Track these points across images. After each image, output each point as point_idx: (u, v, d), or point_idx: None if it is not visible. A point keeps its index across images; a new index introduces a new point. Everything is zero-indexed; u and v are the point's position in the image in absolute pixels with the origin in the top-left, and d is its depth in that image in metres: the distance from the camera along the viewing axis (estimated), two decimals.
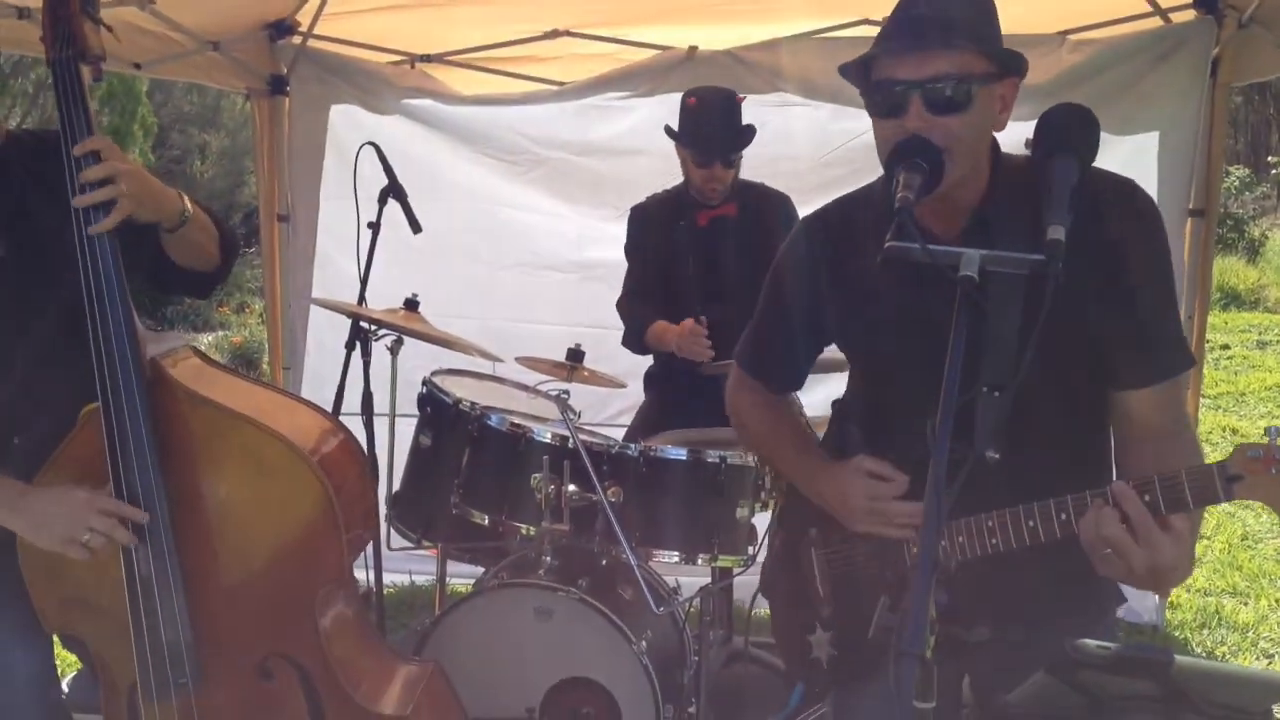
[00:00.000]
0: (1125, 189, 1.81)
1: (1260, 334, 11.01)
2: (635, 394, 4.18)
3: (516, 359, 3.61)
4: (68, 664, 4.16)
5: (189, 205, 2.21)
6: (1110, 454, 1.91)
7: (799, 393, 2.50)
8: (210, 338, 10.23)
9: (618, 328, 3.97)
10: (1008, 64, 1.76)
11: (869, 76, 1.80)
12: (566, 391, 3.23)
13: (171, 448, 2.15)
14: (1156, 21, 3.97)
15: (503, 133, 4.79)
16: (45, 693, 2.35)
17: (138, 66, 4.03)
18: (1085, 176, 1.65)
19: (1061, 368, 1.73)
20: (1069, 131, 1.62)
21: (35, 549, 2.16)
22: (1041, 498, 1.71)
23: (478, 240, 4.91)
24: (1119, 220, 1.76)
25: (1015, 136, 1.92)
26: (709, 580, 3.62)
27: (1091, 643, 1.21)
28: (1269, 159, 21.99)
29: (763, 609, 4.66)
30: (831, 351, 2.22)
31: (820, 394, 3.20)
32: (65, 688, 3.75)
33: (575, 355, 3.41)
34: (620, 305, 3.96)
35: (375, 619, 3.62)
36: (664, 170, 4.35)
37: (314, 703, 2.31)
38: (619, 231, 4.25)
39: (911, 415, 1.83)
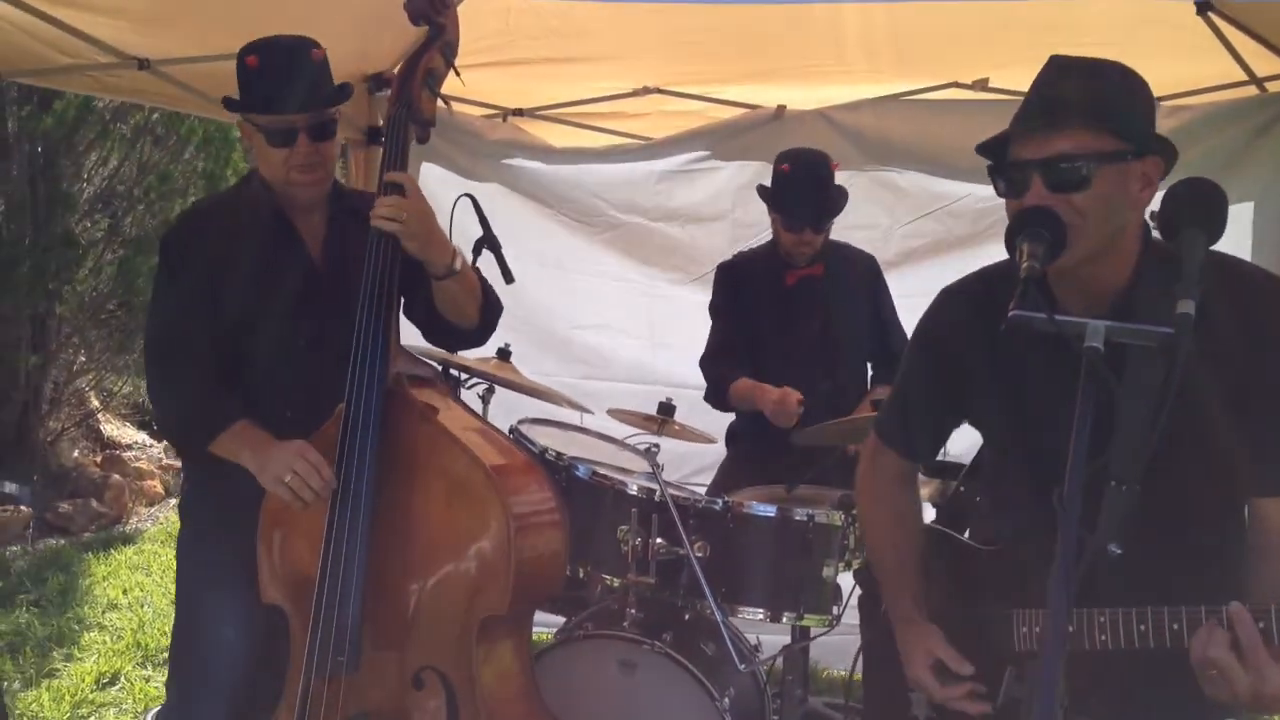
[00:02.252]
0: (1275, 282, 1.80)
1: None
2: (713, 454, 4.18)
3: (608, 411, 3.64)
4: (154, 699, 4.26)
5: (460, 263, 2.57)
6: (1239, 560, 1.84)
7: None
8: None
9: (691, 387, 3.96)
10: (1143, 143, 1.75)
11: (1004, 158, 1.82)
12: (656, 445, 3.27)
13: (391, 451, 2.46)
14: (1252, 90, 3.96)
15: (581, 195, 4.83)
16: (247, 659, 2.69)
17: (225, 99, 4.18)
18: (1234, 266, 1.65)
19: (1194, 464, 1.70)
20: (1194, 206, 1.62)
21: (273, 516, 2.54)
22: (1160, 598, 1.68)
23: (554, 300, 4.92)
24: (1269, 317, 1.74)
25: None
26: (787, 638, 3.61)
27: None
28: None
29: (834, 669, 4.67)
30: None
31: None
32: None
33: (666, 409, 3.43)
34: (704, 362, 3.97)
35: None
36: (736, 237, 4.46)
37: None
38: (688, 295, 4.31)
39: (1037, 496, 1.82)
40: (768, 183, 3.84)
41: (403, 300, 2.80)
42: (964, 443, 2.57)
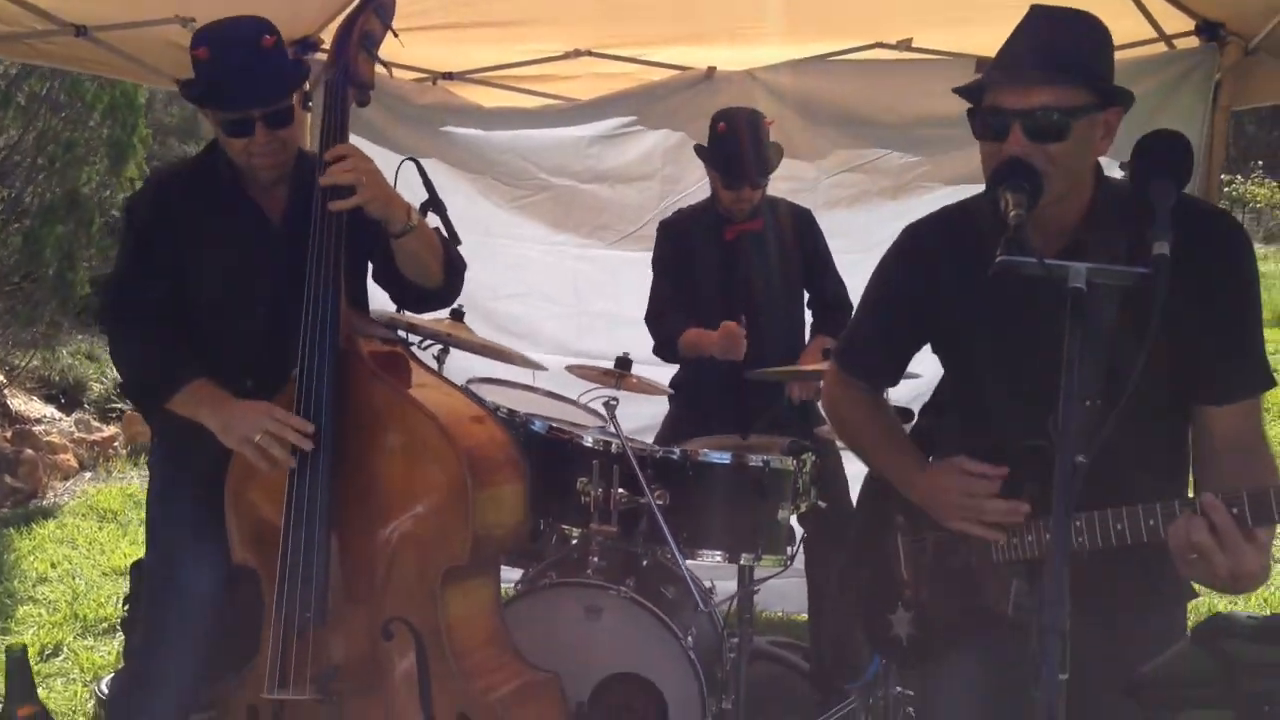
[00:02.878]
0: (1221, 217, 1.98)
1: None
2: (652, 414, 4.27)
3: (567, 367, 3.71)
4: (102, 667, 4.24)
5: (415, 219, 2.59)
6: (1185, 464, 2.04)
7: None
8: None
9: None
10: (1111, 96, 1.90)
11: (981, 101, 1.94)
12: (615, 399, 3.37)
13: (347, 409, 2.53)
14: (1161, 47, 4.16)
15: (512, 159, 4.86)
16: (217, 612, 2.74)
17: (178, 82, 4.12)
18: (1194, 204, 1.80)
19: (1150, 380, 1.86)
20: (1164, 156, 1.76)
21: (239, 484, 2.61)
22: (1119, 501, 1.83)
23: (477, 268, 4.84)
24: (1215, 244, 1.90)
25: None
26: (734, 584, 3.75)
27: (1241, 614, 1.35)
28: (1222, 177, 22.59)
29: (771, 611, 4.83)
30: None
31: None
32: (104, 688, 3.86)
33: (623, 363, 3.52)
34: (649, 320, 4.07)
35: None
36: (665, 193, 4.62)
37: (424, 673, 2.51)
38: (618, 254, 4.46)
39: (1004, 418, 1.98)
40: (697, 144, 3.95)
41: (370, 267, 2.84)
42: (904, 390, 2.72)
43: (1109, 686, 1.75)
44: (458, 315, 3.64)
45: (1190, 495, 1.86)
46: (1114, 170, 1.92)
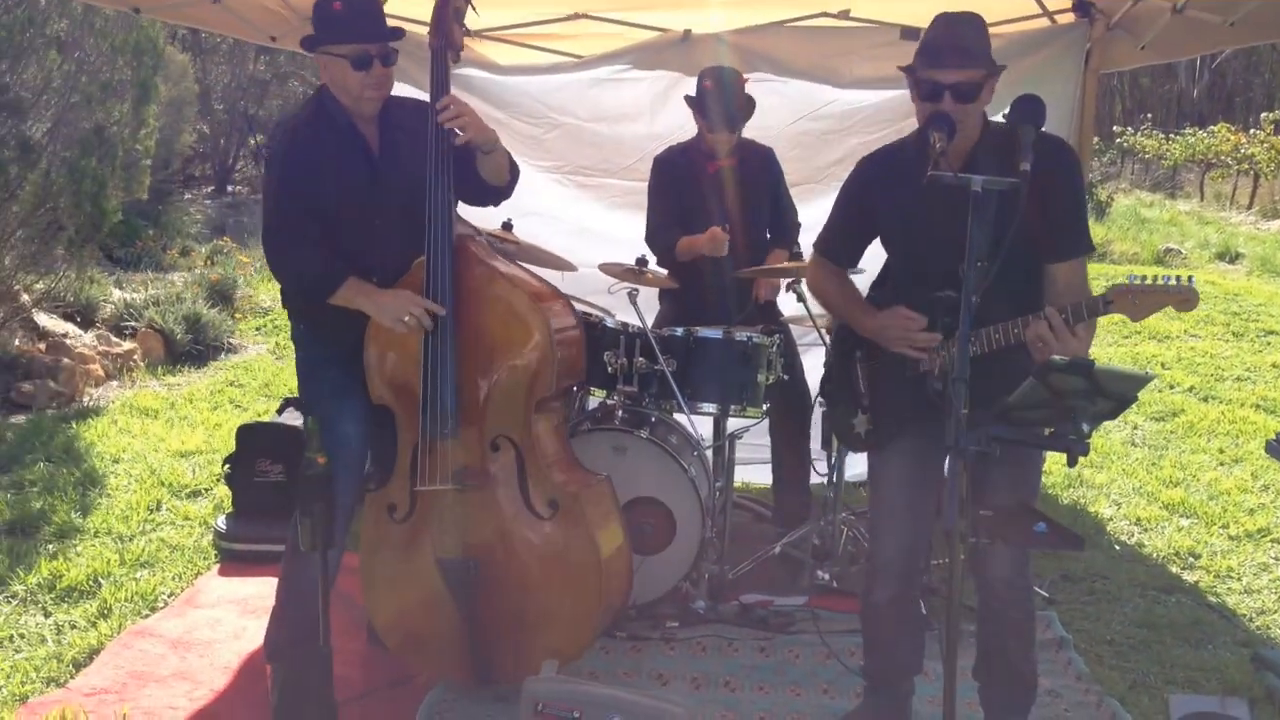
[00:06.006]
0: (1062, 144, 3.10)
1: (1108, 281, 12.66)
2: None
3: (599, 266, 4.73)
4: (205, 515, 5.19)
5: (497, 139, 3.55)
6: (1039, 300, 3.12)
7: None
8: (182, 276, 10.90)
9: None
10: (994, 69, 3.00)
11: (916, 74, 3.01)
12: (636, 289, 4.43)
13: (461, 288, 3.52)
14: (1045, 21, 5.28)
15: (527, 100, 5.86)
16: (366, 448, 3.67)
17: (137, 11, 4.94)
18: (1046, 136, 2.88)
19: (1017, 249, 2.93)
20: (1028, 111, 2.85)
21: (378, 342, 3.56)
22: (996, 322, 2.91)
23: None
24: (1057, 161, 3.00)
25: None
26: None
27: (1058, 357, 2.45)
28: (1114, 128, 24.10)
29: (739, 481, 5.92)
30: None
31: None
32: (222, 524, 4.82)
33: (642, 261, 4.57)
34: (649, 238, 5.09)
35: None
36: (654, 133, 5.58)
37: (520, 470, 3.58)
38: (614, 183, 5.49)
39: (928, 282, 3.08)
40: (682, 90, 4.97)
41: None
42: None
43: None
44: (507, 226, 4.63)
45: None
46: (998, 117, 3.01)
